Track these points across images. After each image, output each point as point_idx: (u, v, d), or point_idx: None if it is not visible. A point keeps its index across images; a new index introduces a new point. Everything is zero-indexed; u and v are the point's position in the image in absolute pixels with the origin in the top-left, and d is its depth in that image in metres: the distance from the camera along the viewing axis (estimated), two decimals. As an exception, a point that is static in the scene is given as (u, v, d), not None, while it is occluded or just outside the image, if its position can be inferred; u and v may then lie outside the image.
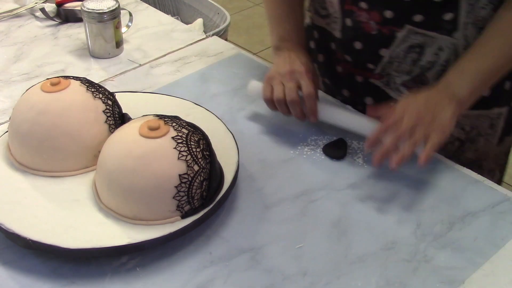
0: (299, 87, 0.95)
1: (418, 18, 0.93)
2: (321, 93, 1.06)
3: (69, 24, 1.32)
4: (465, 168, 0.96)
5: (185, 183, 0.78)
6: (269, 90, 0.97)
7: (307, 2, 1.11)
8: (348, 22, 1.00)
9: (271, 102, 0.98)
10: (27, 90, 0.90)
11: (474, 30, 0.94)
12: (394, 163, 0.84)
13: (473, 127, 1.02)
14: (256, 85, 1.02)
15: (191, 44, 1.27)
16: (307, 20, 1.13)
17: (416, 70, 0.99)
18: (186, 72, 1.17)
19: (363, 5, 0.96)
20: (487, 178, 0.93)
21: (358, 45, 1.01)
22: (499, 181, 1.11)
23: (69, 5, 1.32)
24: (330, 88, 1.14)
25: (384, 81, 1.03)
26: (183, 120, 0.84)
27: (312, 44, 1.15)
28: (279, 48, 1.02)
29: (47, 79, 0.90)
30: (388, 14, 0.94)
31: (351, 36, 1.01)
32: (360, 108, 1.07)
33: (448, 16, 0.92)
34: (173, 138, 0.79)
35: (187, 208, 0.80)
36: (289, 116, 0.98)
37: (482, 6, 0.91)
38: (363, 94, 1.07)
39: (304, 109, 0.96)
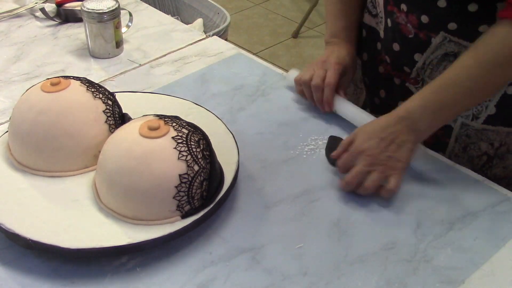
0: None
1: (452, 26, 0.93)
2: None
3: (69, 24, 1.32)
4: (465, 168, 0.96)
5: (185, 183, 0.78)
6: (301, 74, 1.06)
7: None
8: (389, 22, 1.02)
9: (298, 83, 1.07)
10: (27, 90, 0.90)
11: None
12: (363, 192, 0.87)
13: (502, 144, 1.00)
14: (294, 73, 1.10)
15: (191, 44, 1.27)
16: None
17: None
18: (186, 72, 1.17)
19: (404, 7, 0.96)
20: None
21: (396, 46, 1.02)
22: None
23: (69, 5, 1.32)
24: (369, 87, 1.15)
25: (419, 87, 1.02)
26: (183, 120, 0.84)
27: (359, 42, 1.16)
28: (328, 43, 1.09)
29: (47, 79, 0.90)
30: (424, 19, 0.94)
31: (391, 37, 1.02)
32: None
33: (483, 28, 0.90)
34: (173, 138, 0.79)
35: (187, 208, 0.80)
36: (311, 102, 1.05)
37: None
38: (398, 98, 1.06)
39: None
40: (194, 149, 0.79)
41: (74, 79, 0.90)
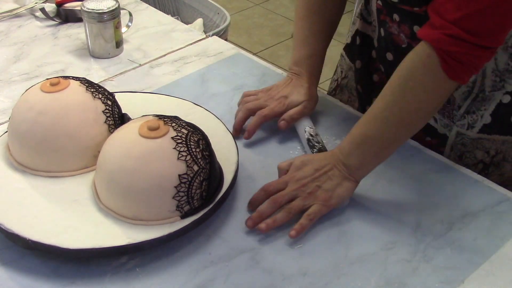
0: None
1: None
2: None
3: (69, 24, 1.32)
4: (464, 168, 0.96)
5: (184, 183, 0.78)
6: (249, 94, 1.04)
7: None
8: (382, 32, 1.01)
9: (242, 99, 1.04)
10: (27, 90, 0.90)
11: (505, 55, 0.91)
12: (264, 225, 0.83)
13: (498, 152, 0.99)
14: None
15: (191, 44, 1.27)
16: (355, 26, 1.13)
17: None
18: (186, 72, 1.17)
19: (396, 17, 0.96)
20: None
21: (389, 56, 1.01)
22: None
23: (69, 5, 1.32)
24: (361, 95, 1.14)
25: None
26: (182, 120, 0.84)
27: (354, 49, 1.14)
28: (290, 70, 1.05)
29: (47, 79, 0.90)
30: (416, 29, 0.93)
31: (384, 47, 1.02)
32: None
33: None
34: (172, 138, 0.79)
35: (186, 208, 0.80)
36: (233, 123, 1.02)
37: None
38: None
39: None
40: (193, 149, 0.79)
41: (74, 79, 0.90)
